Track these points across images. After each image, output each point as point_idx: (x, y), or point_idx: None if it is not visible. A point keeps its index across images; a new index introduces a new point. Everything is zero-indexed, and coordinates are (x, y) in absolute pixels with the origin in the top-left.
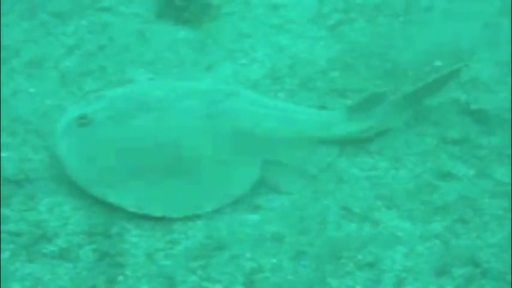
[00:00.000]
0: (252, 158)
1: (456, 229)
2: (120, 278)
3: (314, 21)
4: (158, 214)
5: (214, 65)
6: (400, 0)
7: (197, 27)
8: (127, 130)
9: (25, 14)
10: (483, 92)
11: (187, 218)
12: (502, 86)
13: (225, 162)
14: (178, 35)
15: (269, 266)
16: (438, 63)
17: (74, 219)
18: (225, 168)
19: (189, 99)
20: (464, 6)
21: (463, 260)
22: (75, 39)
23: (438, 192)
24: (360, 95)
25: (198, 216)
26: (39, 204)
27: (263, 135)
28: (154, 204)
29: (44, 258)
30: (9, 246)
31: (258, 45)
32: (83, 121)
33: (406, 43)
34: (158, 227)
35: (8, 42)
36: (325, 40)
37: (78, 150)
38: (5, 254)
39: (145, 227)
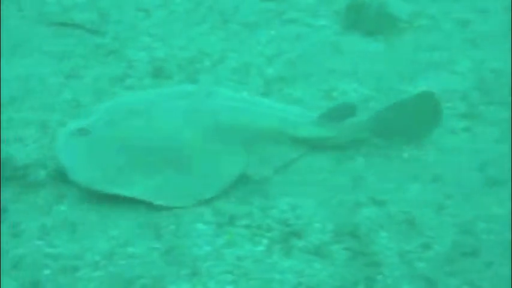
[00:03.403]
0: (235, 148)
1: None
2: (379, 277)
3: (508, 37)
4: (160, 203)
5: (416, 77)
6: None
7: (386, 40)
8: (122, 131)
9: (217, 24)
10: None
11: (433, 223)
12: None
13: (210, 152)
14: (369, 47)
15: None
16: None
17: (317, 219)
18: (211, 158)
19: (174, 100)
20: None
21: None
22: (271, 49)
23: None
24: None
25: (445, 222)
26: (279, 202)
27: (242, 127)
28: (155, 194)
29: (299, 253)
30: (263, 240)
31: (455, 58)
32: (82, 132)
33: None
34: (405, 230)
35: (209, 50)
36: None
37: (81, 156)
38: (260, 247)
39: (392, 229)
